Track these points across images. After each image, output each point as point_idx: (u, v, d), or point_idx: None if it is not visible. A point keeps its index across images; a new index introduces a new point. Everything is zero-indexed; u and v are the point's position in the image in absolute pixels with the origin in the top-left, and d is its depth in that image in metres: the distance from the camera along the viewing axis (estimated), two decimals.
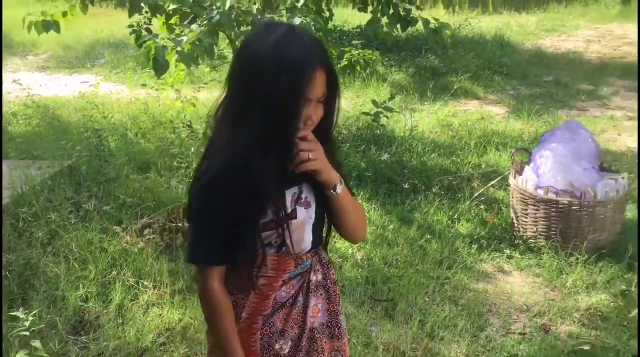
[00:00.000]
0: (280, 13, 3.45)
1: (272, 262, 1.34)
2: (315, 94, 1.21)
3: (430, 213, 3.45)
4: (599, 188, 3.00)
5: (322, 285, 1.43)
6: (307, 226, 1.35)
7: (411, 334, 2.48)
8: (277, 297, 1.37)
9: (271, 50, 1.18)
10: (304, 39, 1.21)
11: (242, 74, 1.23)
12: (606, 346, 2.42)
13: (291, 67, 1.17)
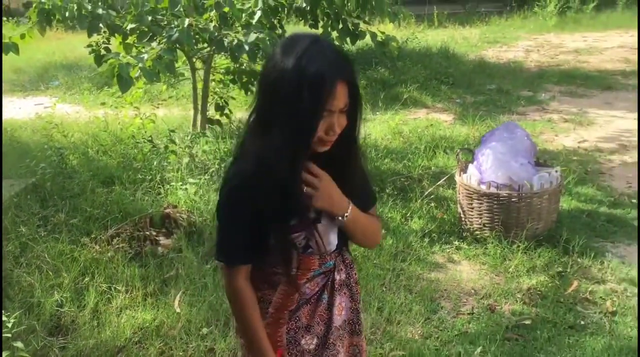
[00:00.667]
0: (237, 30, 3.66)
1: (297, 262, 1.40)
2: (336, 106, 1.26)
3: (385, 212, 3.70)
4: (535, 181, 3.31)
5: (345, 284, 1.49)
6: (332, 229, 1.41)
7: (370, 320, 2.70)
8: (302, 293, 1.43)
9: (294, 62, 1.23)
10: (326, 51, 1.25)
11: (267, 84, 1.29)
12: (545, 320, 2.70)
13: (313, 80, 1.21)
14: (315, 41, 1.27)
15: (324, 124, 1.26)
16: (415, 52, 8.42)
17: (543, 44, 9.88)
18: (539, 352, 2.49)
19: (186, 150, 4.42)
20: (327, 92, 1.22)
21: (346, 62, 1.28)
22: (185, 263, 3.10)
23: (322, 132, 1.27)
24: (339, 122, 1.29)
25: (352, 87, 1.27)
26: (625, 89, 6.76)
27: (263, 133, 1.28)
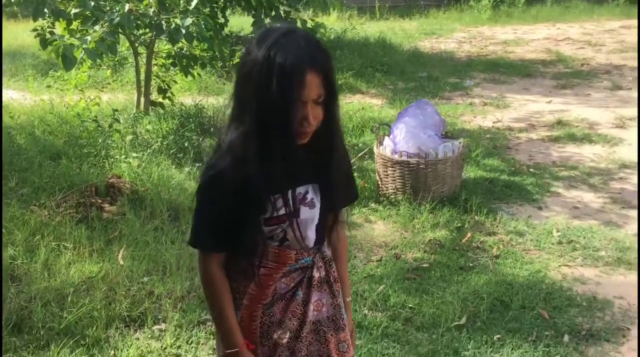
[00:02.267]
0: (175, 15, 4.03)
1: (273, 255, 1.42)
2: (307, 95, 1.25)
3: None
4: (439, 150, 3.83)
5: (325, 281, 1.50)
6: (311, 225, 1.43)
7: None
8: (277, 287, 1.45)
9: (264, 53, 1.23)
10: (297, 41, 1.24)
11: (240, 76, 1.31)
12: (440, 263, 3.21)
13: (280, 70, 1.21)
14: (287, 32, 1.27)
15: (297, 115, 1.26)
16: (353, 42, 8.93)
17: (476, 35, 10.56)
18: (432, 287, 2.99)
19: (130, 129, 4.75)
20: (296, 82, 1.22)
21: (319, 52, 1.26)
22: (129, 224, 3.47)
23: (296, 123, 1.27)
24: (314, 114, 1.28)
25: (325, 78, 1.26)
26: (543, 76, 7.44)
27: (236, 126, 1.30)
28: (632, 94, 6.37)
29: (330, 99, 1.29)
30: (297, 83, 1.22)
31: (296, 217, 1.39)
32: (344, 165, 1.48)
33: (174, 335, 2.64)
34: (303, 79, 1.22)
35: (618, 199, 3.94)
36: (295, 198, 1.39)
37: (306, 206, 1.41)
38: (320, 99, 1.27)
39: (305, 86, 1.23)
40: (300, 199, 1.40)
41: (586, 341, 2.56)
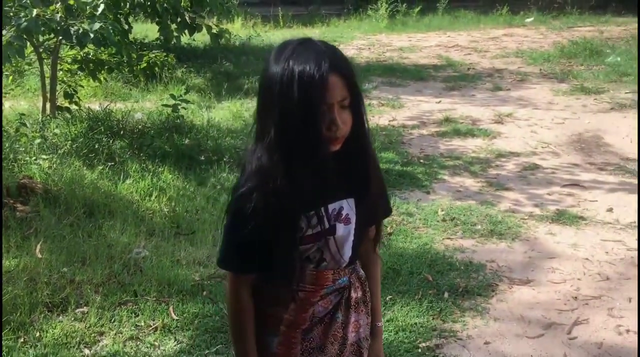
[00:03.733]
0: (82, 20, 4.20)
1: (311, 277, 1.38)
2: (332, 97, 1.22)
3: (223, 176, 4.45)
4: None
5: (362, 301, 1.48)
6: (347, 242, 1.38)
7: (207, 252, 3.43)
8: (315, 311, 1.40)
9: (283, 65, 1.21)
10: (314, 47, 1.24)
11: (261, 91, 1.29)
12: None
13: (301, 77, 1.19)
14: (303, 42, 1.26)
15: (324, 120, 1.22)
16: (258, 49, 9.29)
17: (374, 42, 11.22)
18: None
19: (38, 133, 4.82)
20: (319, 85, 1.19)
21: (339, 56, 1.26)
22: (44, 221, 3.60)
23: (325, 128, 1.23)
24: (342, 118, 1.24)
25: (348, 80, 1.24)
26: (434, 79, 8.13)
27: (262, 142, 1.26)
28: (510, 94, 7.16)
29: (355, 102, 1.26)
30: (320, 86, 1.19)
31: (332, 235, 1.34)
32: (378, 174, 1.42)
33: (97, 315, 2.85)
34: (326, 81, 1.20)
35: (494, 182, 4.54)
36: (330, 214, 1.34)
37: (341, 222, 1.36)
38: (346, 101, 1.24)
39: (328, 88, 1.20)
40: (336, 215, 1.35)
41: (462, 296, 3.04)
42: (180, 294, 3.04)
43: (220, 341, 2.70)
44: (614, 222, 3.80)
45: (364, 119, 1.31)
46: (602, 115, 6.10)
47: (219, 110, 6.30)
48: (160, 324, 2.81)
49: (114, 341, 2.69)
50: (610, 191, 4.30)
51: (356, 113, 1.28)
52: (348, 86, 1.24)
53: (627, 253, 3.42)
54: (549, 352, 2.63)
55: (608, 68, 7.98)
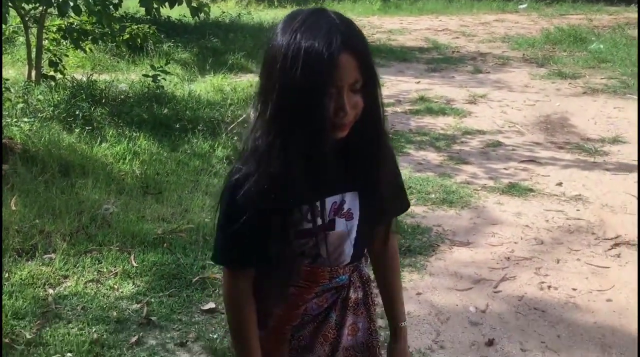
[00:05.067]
0: None
1: (305, 273, 1.28)
2: (342, 79, 1.08)
3: (197, 143, 4.69)
4: None
5: (362, 302, 1.37)
6: (347, 239, 1.27)
7: (171, 210, 3.68)
8: (309, 308, 1.32)
9: (289, 37, 1.08)
10: (326, 20, 1.10)
11: (264, 62, 1.15)
12: None
13: (309, 53, 1.06)
14: (314, 12, 1.12)
15: (331, 104, 1.09)
16: (248, 26, 9.49)
17: (366, 25, 11.38)
18: None
19: (21, 98, 5.06)
20: (328, 64, 1.06)
21: (354, 32, 1.12)
22: (20, 178, 3.85)
23: (332, 113, 1.10)
24: (351, 102, 1.11)
25: (362, 60, 1.10)
26: (418, 61, 8.34)
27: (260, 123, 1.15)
28: (489, 76, 7.37)
29: (369, 85, 1.12)
30: (329, 66, 1.06)
31: (331, 230, 1.24)
32: (391, 168, 1.28)
33: (63, 261, 3.11)
34: (336, 61, 1.06)
35: (455, 157, 4.78)
36: (329, 208, 1.23)
37: (342, 217, 1.25)
38: (358, 84, 1.10)
39: (339, 68, 1.07)
40: (336, 209, 1.24)
41: (404, 255, 3.29)
42: (142, 245, 3.30)
43: (174, 286, 2.96)
44: (560, 194, 4.05)
45: (378, 103, 1.16)
46: (574, 98, 6.32)
47: (201, 83, 6.52)
48: (121, 270, 3.06)
49: (76, 283, 2.95)
50: (564, 167, 4.54)
51: (369, 97, 1.13)
52: (361, 67, 1.10)
53: (566, 222, 3.67)
54: (473, 302, 2.89)
55: (589, 54, 8.18)
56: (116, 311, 2.76)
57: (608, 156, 4.72)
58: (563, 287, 3.00)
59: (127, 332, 2.63)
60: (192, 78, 6.75)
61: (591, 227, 3.59)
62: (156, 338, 2.61)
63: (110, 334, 2.60)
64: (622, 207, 3.85)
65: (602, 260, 3.23)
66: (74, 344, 2.52)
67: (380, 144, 1.22)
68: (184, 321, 2.72)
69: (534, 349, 2.56)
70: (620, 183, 4.22)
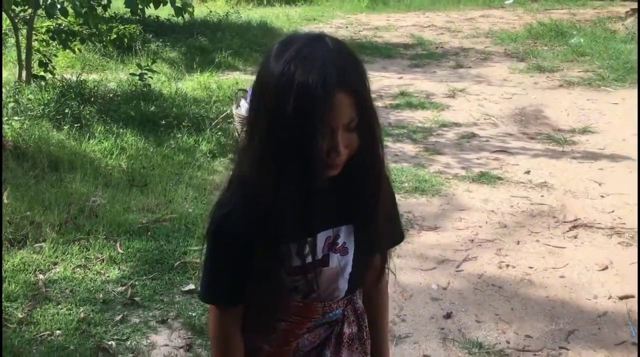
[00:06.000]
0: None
1: (297, 308, 1.22)
2: (336, 120, 1.03)
3: (182, 138, 4.91)
4: None
5: (357, 337, 1.32)
6: (342, 274, 1.23)
7: (156, 201, 3.90)
8: (300, 345, 1.27)
9: (280, 69, 1.02)
10: (322, 52, 1.03)
11: (253, 95, 1.11)
12: None
13: (301, 89, 1.00)
14: (311, 41, 1.05)
15: (324, 144, 1.04)
16: (236, 25, 9.70)
17: (353, 22, 11.63)
18: None
19: (12, 97, 5.26)
20: (322, 104, 1.00)
21: (352, 66, 1.06)
22: (12, 173, 4.07)
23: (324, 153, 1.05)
24: (345, 142, 1.06)
25: (359, 98, 1.04)
26: (402, 57, 8.56)
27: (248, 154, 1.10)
28: (469, 71, 7.60)
29: (365, 123, 1.07)
30: (324, 105, 1.00)
31: (325, 266, 1.19)
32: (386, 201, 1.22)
33: (52, 249, 3.32)
34: (330, 100, 1.00)
35: (430, 148, 5.01)
36: (323, 244, 1.18)
37: (337, 252, 1.20)
38: (353, 123, 1.05)
39: (333, 108, 1.01)
40: (330, 245, 1.19)
41: None
42: (128, 233, 3.51)
43: (157, 270, 3.18)
44: (526, 182, 4.28)
45: (376, 141, 1.12)
46: (550, 91, 6.55)
47: (188, 81, 6.74)
48: (107, 257, 3.28)
49: (65, 269, 3.17)
50: (533, 157, 4.77)
51: (365, 134, 1.08)
52: (358, 105, 1.04)
53: (530, 207, 3.90)
54: (436, 281, 3.11)
55: (569, 48, 8.41)
56: (102, 293, 2.98)
57: (576, 145, 4.95)
58: (520, 265, 3.23)
59: (112, 312, 2.85)
60: (179, 76, 6.96)
61: (553, 211, 3.82)
62: (139, 316, 2.83)
63: (97, 314, 2.82)
64: (584, 192, 4.08)
65: (559, 241, 3.47)
66: (62, 322, 2.74)
67: (378, 179, 1.15)
68: (165, 301, 2.94)
69: (488, 320, 2.79)
70: (585, 171, 4.45)
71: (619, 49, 7.88)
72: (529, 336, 2.68)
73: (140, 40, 7.00)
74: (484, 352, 2.57)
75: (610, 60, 7.48)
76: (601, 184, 4.19)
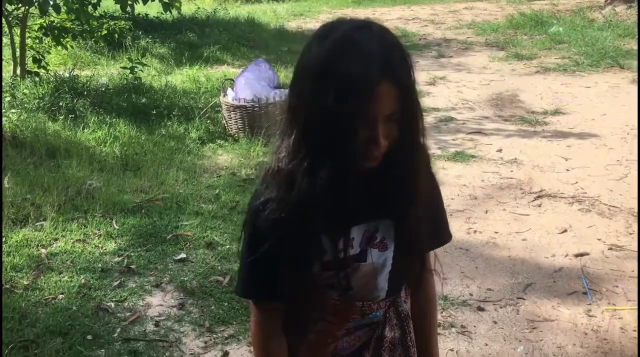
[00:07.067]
0: None
1: (333, 307, 1.18)
2: (378, 111, 1.01)
3: (171, 126, 5.18)
4: (271, 96, 4.98)
5: (400, 343, 1.26)
6: (381, 271, 1.18)
7: (148, 183, 4.17)
8: (339, 347, 1.23)
9: (323, 57, 1.01)
10: (368, 40, 1.00)
11: (293, 82, 1.09)
12: None
13: (344, 77, 0.98)
14: (357, 26, 1.03)
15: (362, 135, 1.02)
16: (224, 22, 9.96)
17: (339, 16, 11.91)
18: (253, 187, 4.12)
19: (8, 92, 5.52)
20: (365, 93, 0.98)
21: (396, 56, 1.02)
22: (11, 160, 4.33)
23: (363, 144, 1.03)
24: (385, 133, 1.03)
25: (402, 89, 1.01)
26: None
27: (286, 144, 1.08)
28: (451, 60, 7.90)
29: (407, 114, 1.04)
30: (366, 95, 0.98)
31: (362, 262, 1.15)
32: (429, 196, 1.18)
33: (52, 227, 3.59)
34: (374, 90, 0.98)
35: None
36: (361, 238, 1.15)
37: (375, 247, 1.16)
38: (395, 115, 1.02)
39: (376, 99, 0.99)
40: (368, 239, 1.15)
41: None
42: (123, 212, 3.78)
43: (151, 242, 3.45)
44: (498, 159, 4.57)
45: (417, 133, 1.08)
46: (526, 77, 6.86)
47: (177, 75, 7.00)
48: (104, 232, 3.55)
49: (65, 243, 3.44)
50: (506, 137, 5.07)
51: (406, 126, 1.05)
52: (401, 97, 1.01)
53: (499, 181, 4.19)
54: None
55: (548, 37, 8.71)
56: (101, 263, 3.25)
57: (547, 126, 5.25)
58: (487, 231, 3.52)
59: (110, 278, 3.12)
60: (169, 71, 7.23)
61: (520, 184, 4.12)
62: (135, 282, 3.11)
63: (96, 280, 3.09)
64: (551, 167, 4.38)
65: (524, 209, 3.76)
66: (65, 288, 3.01)
67: (416, 173, 1.11)
68: (159, 268, 3.22)
69: (454, 277, 3.08)
70: (554, 148, 4.75)
71: (595, 37, 8.19)
72: (490, 289, 2.97)
73: (130, 36, 7.26)
74: (449, 303, 2.86)
75: (586, 47, 7.78)
76: (567, 159, 4.49)
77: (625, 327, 2.65)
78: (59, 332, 2.67)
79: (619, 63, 6.99)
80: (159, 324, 2.78)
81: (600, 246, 3.30)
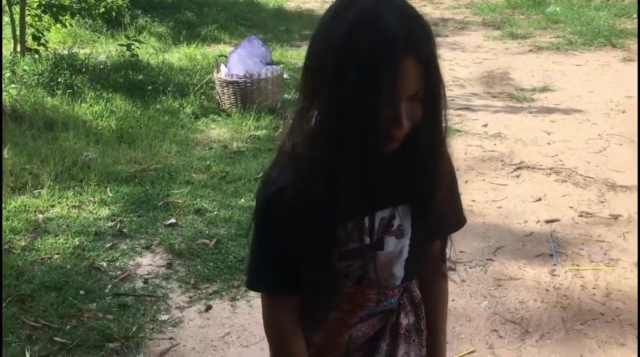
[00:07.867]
0: None
1: (348, 295, 1.16)
2: (402, 89, 0.95)
3: (166, 101, 5.35)
4: (262, 72, 5.14)
5: (414, 329, 1.24)
6: (398, 259, 1.15)
7: (142, 154, 4.35)
8: (353, 336, 1.20)
9: (344, 31, 0.94)
10: (391, 15, 0.94)
11: (309, 61, 1.01)
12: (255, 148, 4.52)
13: (366, 54, 0.92)
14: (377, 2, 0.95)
15: (385, 115, 0.96)
16: (222, 1, 10.07)
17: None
18: (244, 160, 4.30)
19: (8, 68, 5.69)
20: (388, 71, 0.92)
21: (421, 31, 0.97)
22: (11, 132, 4.51)
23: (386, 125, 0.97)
24: (408, 113, 0.98)
25: (426, 66, 0.96)
26: None
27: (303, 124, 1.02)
28: (446, 39, 7.98)
29: (431, 93, 0.99)
30: (390, 72, 0.93)
31: (380, 250, 1.12)
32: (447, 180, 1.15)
33: (49, 194, 3.78)
34: (396, 69, 0.93)
35: None
36: (378, 225, 1.11)
37: (392, 235, 1.12)
38: (419, 94, 0.98)
39: (400, 76, 0.94)
40: (385, 226, 1.12)
41: None
42: (117, 181, 3.97)
43: (143, 209, 3.63)
44: (482, 133, 4.73)
45: (440, 113, 1.03)
46: (519, 56, 6.98)
47: (174, 53, 7.15)
48: (99, 199, 3.74)
49: (61, 209, 3.63)
50: (493, 113, 5.21)
51: (430, 106, 1.00)
52: (426, 74, 0.97)
53: (482, 153, 4.36)
54: None
55: (544, 17, 8.80)
56: (94, 227, 3.45)
57: (534, 102, 5.40)
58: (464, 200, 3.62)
59: (103, 241, 3.32)
60: (166, 49, 7.38)
61: (502, 156, 4.28)
62: (127, 244, 3.30)
63: (90, 242, 3.29)
64: (533, 141, 4.53)
65: (503, 180, 3.93)
66: (60, 249, 3.21)
67: (437, 155, 1.08)
68: (150, 232, 3.41)
69: None
70: (538, 123, 4.90)
71: (591, 16, 8.28)
72: (463, 251, 3.14)
73: (129, 14, 7.41)
74: None
75: (581, 26, 7.88)
76: (550, 134, 4.64)
77: (586, 285, 2.83)
78: (53, 288, 2.87)
79: (612, 42, 7.09)
80: (148, 281, 2.98)
81: (572, 213, 3.47)
